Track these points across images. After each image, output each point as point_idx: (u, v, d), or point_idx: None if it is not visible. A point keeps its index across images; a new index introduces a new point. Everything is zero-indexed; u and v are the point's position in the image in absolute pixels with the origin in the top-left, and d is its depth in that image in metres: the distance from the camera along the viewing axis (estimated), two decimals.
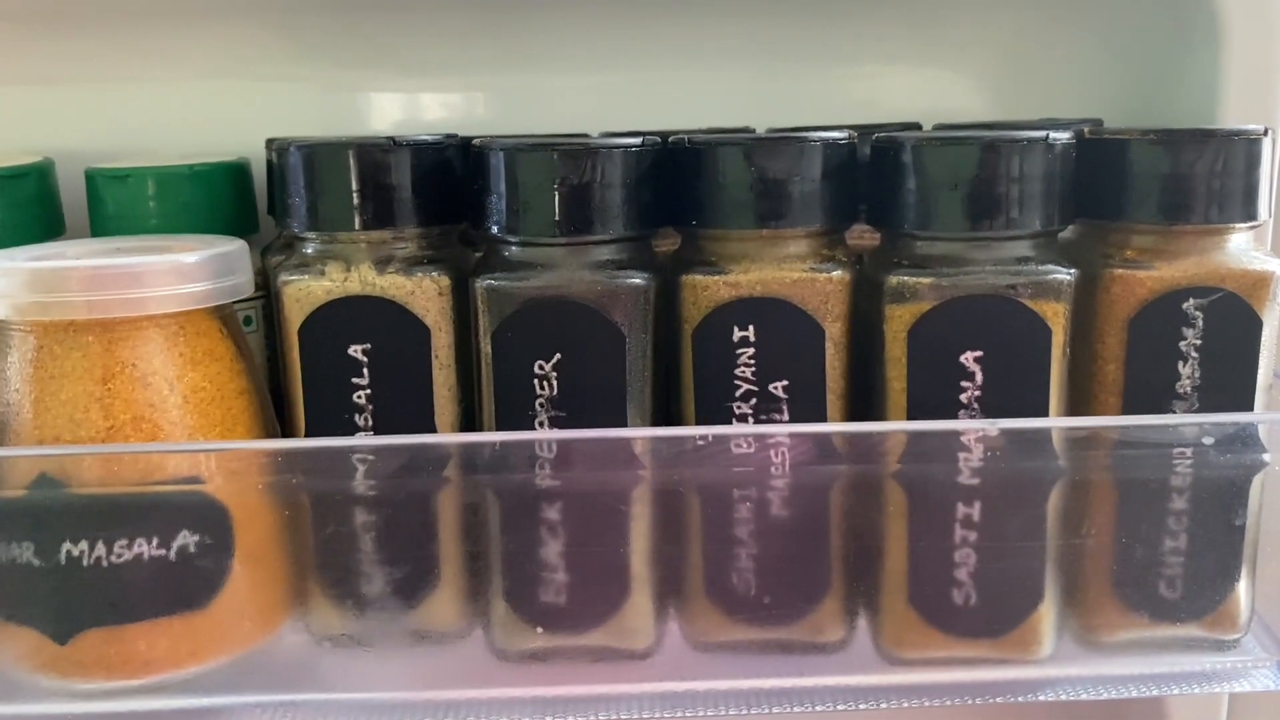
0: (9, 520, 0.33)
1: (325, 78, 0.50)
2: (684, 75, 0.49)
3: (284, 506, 0.36)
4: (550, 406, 0.35)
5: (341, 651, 0.37)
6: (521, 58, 0.49)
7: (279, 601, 0.36)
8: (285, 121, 0.49)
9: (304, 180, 0.36)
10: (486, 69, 0.50)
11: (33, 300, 0.33)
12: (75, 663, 0.34)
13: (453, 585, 0.37)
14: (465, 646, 0.37)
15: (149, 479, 0.34)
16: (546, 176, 0.34)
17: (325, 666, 0.37)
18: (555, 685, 0.36)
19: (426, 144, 0.36)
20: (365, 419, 0.36)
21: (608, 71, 0.49)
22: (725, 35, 0.48)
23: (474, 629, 0.37)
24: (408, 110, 0.50)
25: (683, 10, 0.48)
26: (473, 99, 0.50)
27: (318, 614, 0.37)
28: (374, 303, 0.35)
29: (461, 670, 0.37)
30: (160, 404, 0.34)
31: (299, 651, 0.37)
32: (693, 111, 0.47)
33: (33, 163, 0.43)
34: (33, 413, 0.34)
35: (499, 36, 0.48)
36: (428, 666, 0.37)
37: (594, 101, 0.49)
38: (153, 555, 0.34)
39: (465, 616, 0.37)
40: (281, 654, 0.37)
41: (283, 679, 0.37)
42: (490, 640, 0.37)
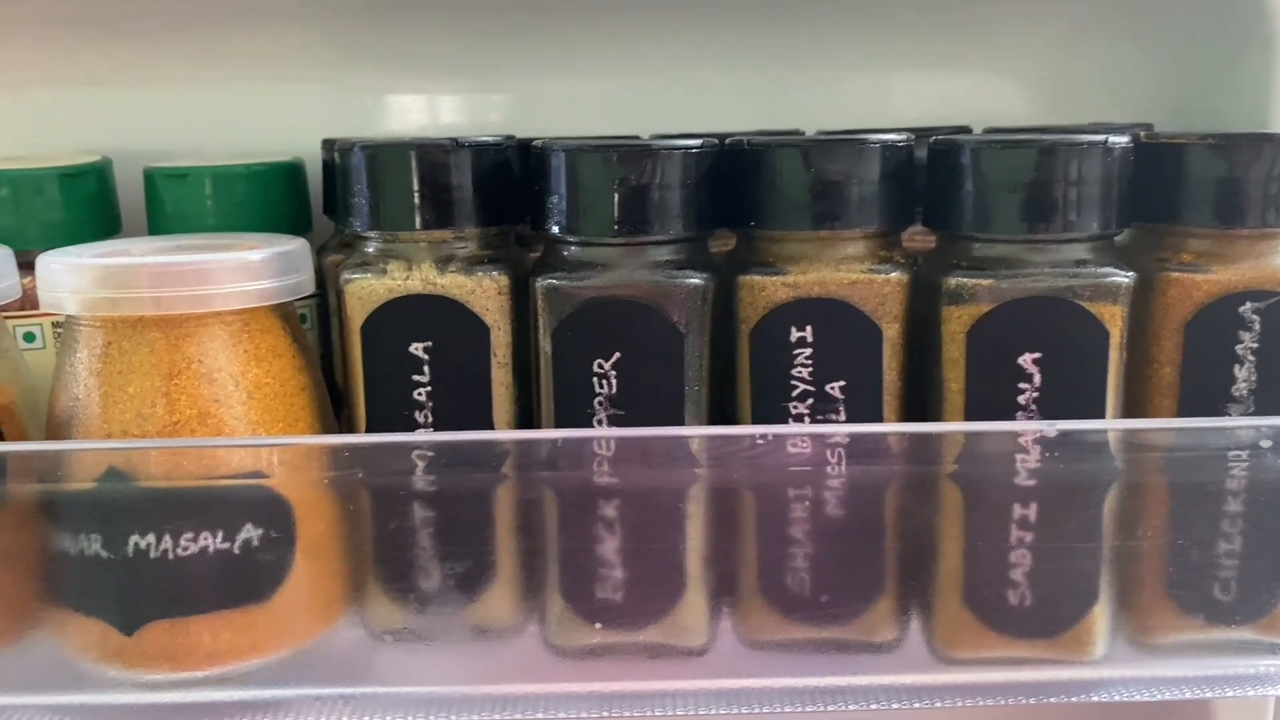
0: (78, 512, 0.34)
1: (373, 79, 0.50)
2: (728, 79, 0.49)
3: (344, 501, 0.36)
4: (609, 405, 0.35)
5: (398, 645, 0.37)
6: (564, 60, 0.50)
7: (338, 595, 0.37)
8: (332, 122, 0.49)
9: (367, 180, 0.36)
10: (528, 71, 0.50)
11: (102, 296, 0.34)
12: (140, 654, 0.34)
13: (509, 581, 0.37)
14: (520, 642, 0.38)
15: (214, 473, 0.34)
16: (607, 177, 0.34)
17: (382, 660, 0.37)
18: (610, 681, 0.37)
19: (487, 145, 0.36)
20: (425, 416, 0.37)
21: (658, 73, 0.49)
22: (770, 40, 0.49)
23: (529, 624, 0.38)
24: (454, 112, 0.51)
25: (728, 15, 0.48)
26: (516, 101, 0.51)
27: (375, 608, 0.37)
28: (435, 301, 0.36)
29: (516, 665, 0.38)
30: (225, 399, 0.35)
31: (357, 645, 0.37)
32: (737, 115, 0.48)
33: (91, 162, 0.44)
34: (100, 407, 0.34)
35: (544, 38, 0.49)
36: (483, 661, 0.38)
37: (644, 103, 0.49)
38: (218, 548, 0.34)
39: (520, 612, 0.38)
40: (340, 647, 0.37)
41: (341, 672, 0.37)
42: (545, 636, 0.37)
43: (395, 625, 0.37)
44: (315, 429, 0.37)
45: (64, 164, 0.43)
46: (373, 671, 0.37)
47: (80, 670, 0.35)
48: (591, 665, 0.37)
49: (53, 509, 0.34)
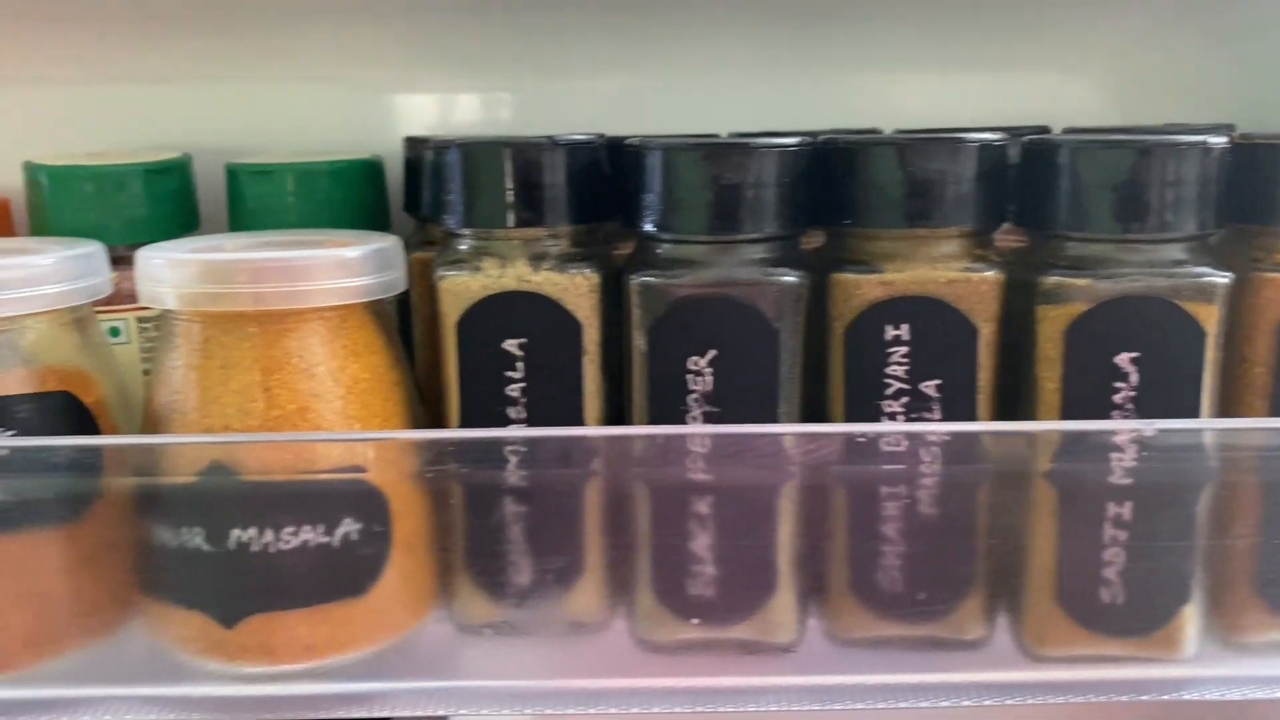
0: (181, 506, 0.34)
1: (446, 78, 0.50)
2: (806, 79, 0.50)
3: (439, 496, 0.36)
4: (703, 401, 0.35)
5: (490, 639, 0.38)
6: (647, 59, 0.50)
7: (432, 589, 0.37)
8: (404, 121, 0.50)
9: (461, 178, 0.36)
10: (589, 70, 0.50)
11: (203, 291, 0.34)
12: (240, 647, 0.35)
13: (599, 576, 0.37)
14: (609, 636, 0.38)
15: (314, 467, 0.35)
16: (704, 175, 0.34)
17: (474, 654, 0.38)
18: (700, 677, 0.37)
19: (582, 143, 0.36)
20: (518, 411, 0.37)
21: (740, 73, 0.50)
22: (848, 41, 0.49)
23: (619, 619, 0.38)
24: (521, 110, 0.51)
25: (809, 17, 0.48)
26: (584, 99, 0.51)
27: (468, 602, 0.37)
28: (529, 298, 0.36)
29: (607, 660, 0.38)
30: (324, 394, 0.35)
31: (449, 638, 0.38)
32: (817, 115, 0.48)
33: (174, 158, 0.44)
34: (202, 401, 0.34)
35: (613, 38, 0.49)
36: (574, 655, 0.38)
37: (727, 103, 0.49)
38: (318, 542, 0.34)
39: (610, 607, 0.38)
40: (433, 640, 0.37)
41: (434, 665, 0.37)
42: (635, 631, 0.38)
43: (487, 619, 0.37)
44: (407, 424, 0.37)
45: (148, 160, 0.43)
46: (465, 665, 0.38)
47: (179, 663, 0.36)
48: (681, 660, 0.37)
49: (156, 502, 0.35)
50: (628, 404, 0.37)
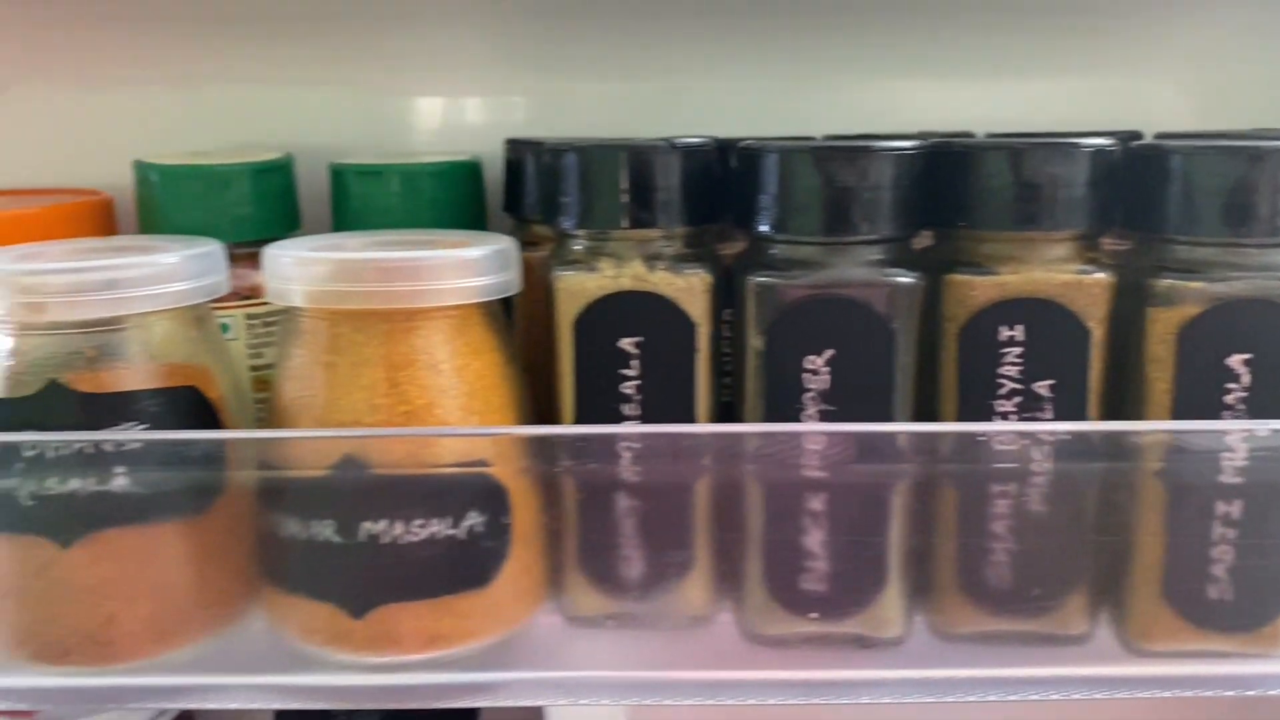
0: (312, 498, 0.35)
1: (538, 81, 0.51)
2: (917, 83, 0.51)
3: (556, 490, 0.37)
4: (820, 400, 0.36)
5: (602, 631, 0.38)
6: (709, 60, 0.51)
7: (546, 581, 0.38)
8: (483, 123, 0.50)
9: (578, 180, 0.37)
10: (685, 72, 0.51)
11: (334, 290, 0.35)
12: (367, 637, 0.36)
13: (710, 570, 0.38)
14: (720, 629, 0.39)
15: (440, 461, 0.35)
16: (821, 177, 0.35)
17: (588, 645, 0.38)
18: (809, 669, 0.37)
19: (697, 146, 0.37)
20: (632, 408, 0.38)
21: (825, 74, 0.50)
22: (951, 46, 0.50)
23: (729, 613, 0.39)
24: (612, 111, 0.52)
25: (910, 21, 0.49)
26: (677, 102, 0.52)
27: (580, 594, 0.38)
28: (646, 298, 0.37)
29: (717, 652, 0.39)
30: (449, 390, 0.36)
31: (562, 629, 0.38)
32: (916, 117, 0.49)
33: (278, 158, 0.45)
34: (332, 397, 0.35)
35: (703, 40, 0.50)
36: (684, 648, 0.39)
37: (810, 105, 0.50)
38: (445, 534, 0.35)
39: (721, 601, 0.39)
40: (549, 632, 0.38)
41: (550, 656, 0.38)
42: (745, 625, 0.38)
43: (599, 611, 0.38)
44: (520, 420, 0.38)
45: (254, 160, 0.44)
46: (580, 656, 0.38)
47: (305, 652, 0.36)
48: (791, 654, 0.38)
49: (286, 495, 0.35)
50: (738, 402, 0.38)
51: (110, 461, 0.35)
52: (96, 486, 0.35)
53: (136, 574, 0.36)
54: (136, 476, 0.35)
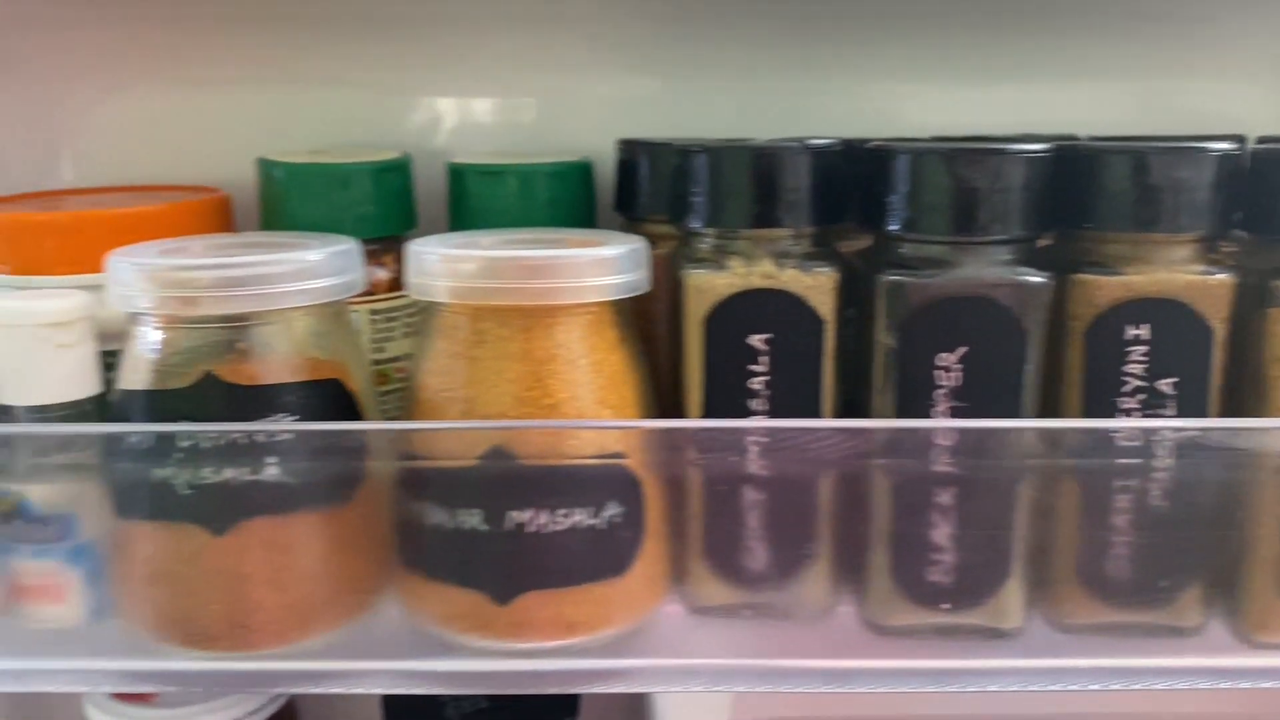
0: (460, 488, 0.36)
1: (646, 80, 0.52)
2: (1020, 87, 0.51)
3: (684, 482, 0.38)
4: (951, 397, 0.37)
5: (729, 619, 0.39)
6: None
7: (675, 570, 0.39)
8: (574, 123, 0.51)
9: (708, 180, 0.38)
10: (783, 72, 0.52)
11: (481, 286, 0.36)
12: (509, 624, 0.37)
13: (830, 562, 0.39)
14: (839, 621, 0.40)
15: (580, 453, 0.36)
16: (955, 178, 0.36)
17: (709, 634, 0.39)
18: (930, 659, 0.38)
19: (826, 146, 0.38)
20: (760, 404, 0.38)
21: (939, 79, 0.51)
22: (1037, 50, 0.50)
23: (848, 604, 0.40)
24: (720, 110, 0.52)
25: (1045, 23, 0.50)
26: (772, 102, 0.52)
27: (705, 584, 0.39)
28: (776, 296, 0.38)
29: (836, 643, 0.40)
30: (588, 384, 0.37)
31: (687, 619, 0.39)
32: (1020, 117, 0.50)
33: (398, 157, 0.46)
34: (479, 390, 0.36)
35: (821, 43, 0.51)
36: (804, 638, 0.40)
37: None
38: (586, 524, 0.36)
39: (841, 592, 0.40)
40: (676, 620, 0.39)
41: (674, 644, 0.39)
42: (866, 615, 0.39)
43: (723, 601, 0.39)
44: (650, 414, 0.39)
45: (376, 159, 0.45)
46: (703, 645, 0.39)
47: (446, 638, 0.37)
48: (914, 644, 0.39)
49: (434, 485, 0.36)
50: (864, 398, 0.39)
51: (262, 452, 0.36)
52: (249, 476, 0.36)
53: (283, 562, 0.37)
54: (286, 466, 0.36)
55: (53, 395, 0.39)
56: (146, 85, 0.50)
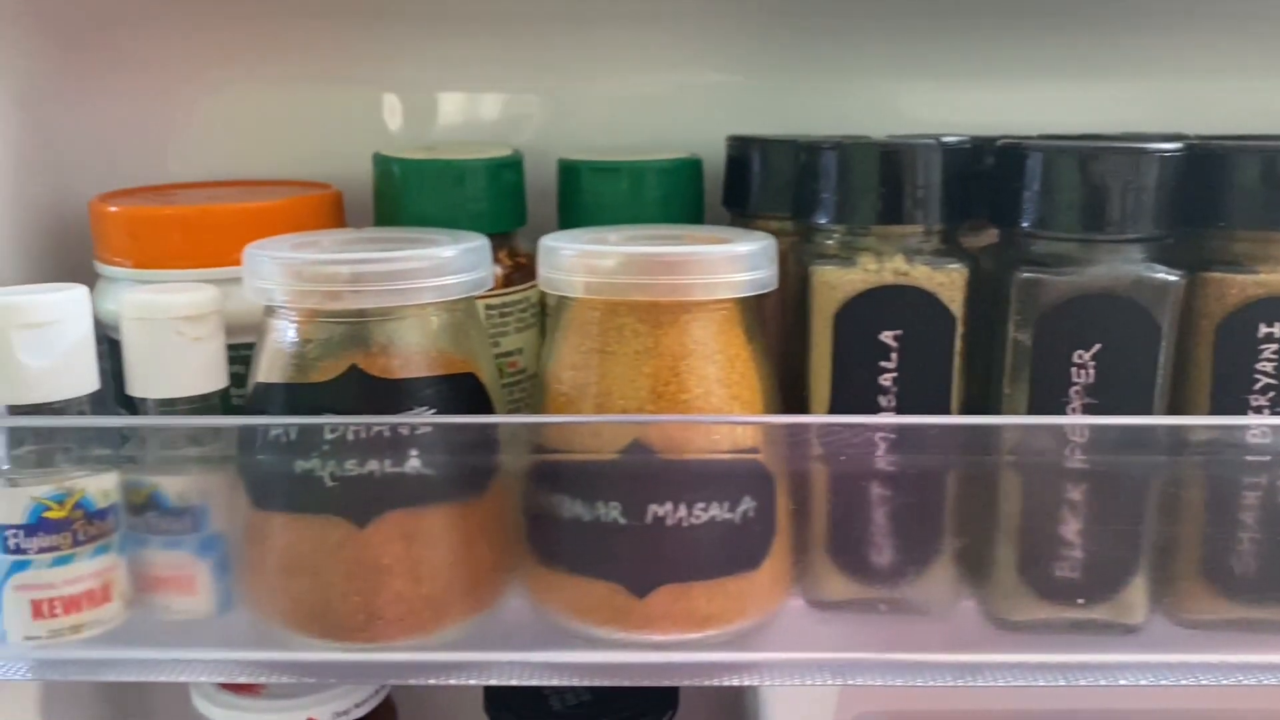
0: (599, 481, 0.36)
1: (750, 77, 0.52)
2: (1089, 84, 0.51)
3: (812, 477, 0.38)
4: (1084, 394, 0.37)
5: (848, 614, 0.40)
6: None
7: (801, 564, 0.39)
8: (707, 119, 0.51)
9: (838, 176, 0.39)
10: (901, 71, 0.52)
11: (621, 282, 0.36)
12: (645, 616, 0.37)
13: (953, 557, 0.39)
14: (964, 614, 0.40)
15: (717, 448, 0.37)
16: (1091, 176, 0.36)
17: (833, 627, 0.40)
18: (1057, 653, 0.39)
19: (957, 143, 0.38)
20: (889, 400, 0.39)
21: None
22: (1157, 46, 0.51)
23: (974, 599, 0.40)
24: (815, 109, 0.52)
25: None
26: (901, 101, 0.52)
27: (828, 578, 0.40)
28: (908, 292, 0.38)
29: (959, 635, 0.40)
30: (722, 379, 0.37)
31: (809, 611, 0.40)
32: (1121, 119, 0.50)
33: (511, 154, 0.46)
34: (616, 384, 0.37)
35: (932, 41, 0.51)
36: (930, 631, 0.40)
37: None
38: (723, 518, 0.36)
39: (967, 585, 0.40)
40: (796, 614, 0.40)
41: (802, 637, 0.39)
42: (990, 610, 0.39)
43: (846, 595, 0.40)
44: (775, 409, 0.39)
45: (491, 155, 0.45)
46: (827, 637, 0.39)
47: (578, 630, 0.38)
48: (1038, 638, 0.39)
49: (572, 477, 0.37)
50: (993, 394, 0.39)
51: (405, 444, 0.36)
52: (391, 469, 0.36)
53: (421, 554, 0.37)
54: (427, 459, 0.36)
55: (182, 388, 0.39)
56: (250, 81, 0.51)
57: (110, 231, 0.43)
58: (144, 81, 0.49)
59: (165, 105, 0.50)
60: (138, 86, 0.49)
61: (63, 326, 0.37)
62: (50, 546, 0.37)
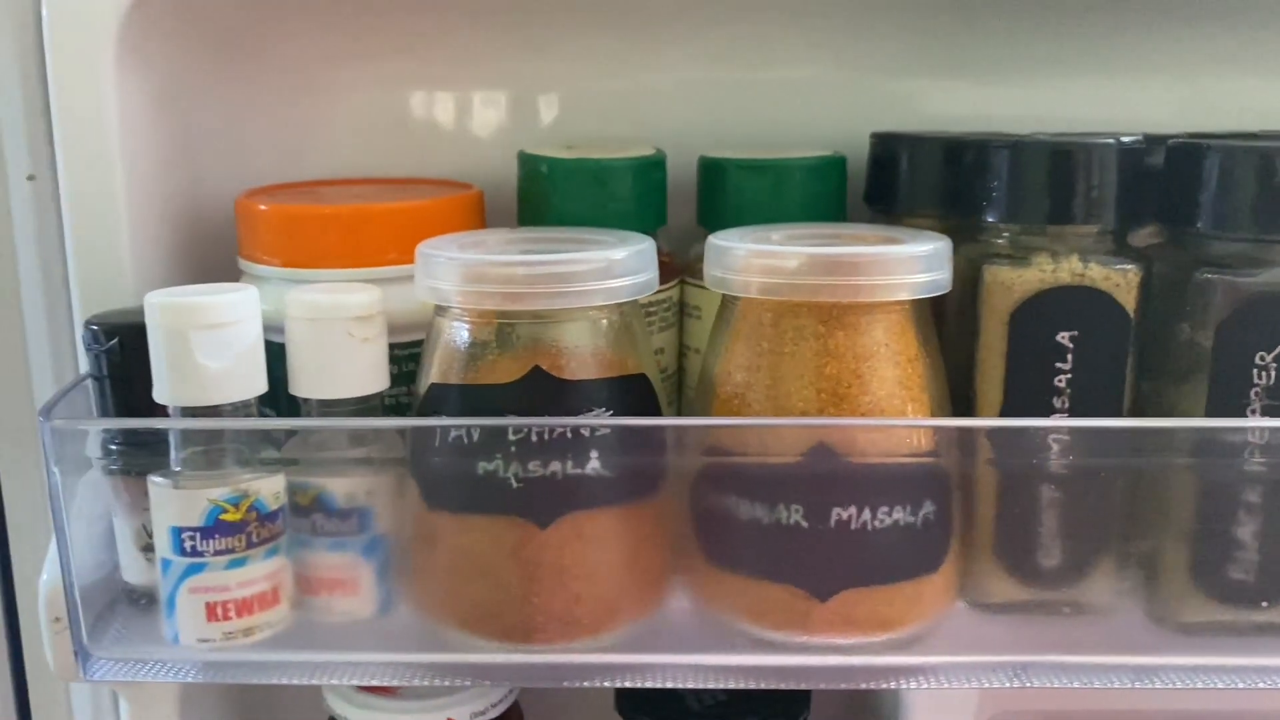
0: (781, 484, 0.36)
1: (883, 78, 0.51)
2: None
3: (983, 479, 0.38)
4: (1264, 396, 0.37)
5: (1012, 615, 0.39)
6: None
7: (972, 566, 0.39)
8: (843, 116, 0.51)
9: (1013, 176, 0.38)
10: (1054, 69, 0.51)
11: (803, 283, 0.36)
12: (824, 620, 0.37)
13: (1125, 559, 0.39)
14: (1128, 617, 0.40)
15: (898, 451, 0.36)
16: (1274, 175, 0.36)
17: (1004, 629, 0.39)
18: (1229, 655, 0.38)
19: (1133, 143, 0.38)
20: (1062, 401, 0.38)
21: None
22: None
23: (1140, 600, 0.40)
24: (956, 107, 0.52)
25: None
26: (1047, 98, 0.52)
27: (994, 579, 0.39)
28: (1084, 293, 0.38)
29: (1129, 637, 0.40)
30: (904, 380, 0.37)
31: (972, 613, 0.40)
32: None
33: (655, 154, 0.46)
34: (794, 387, 0.36)
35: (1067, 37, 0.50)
36: (1095, 632, 0.40)
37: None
38: (905, 521, 0.36)
39: (1134, 587, 0.40)
40: (959, 617, 0.39)
41: (967, 638, 0.39)
42: (1157, 612, 0.39)
43: (1011, 598, 0.39)
44: (947, 411, 0.39)
45: (636, 154, 0.45)
46: (992, 638, 0.39)
47: (750, 633, 0.38)
48: (1208, 641, 0.39)
49: (751, 480, 0.37)
50: (1165, 395, 0.39)
51: (586, 446, 0.36)
52: (573, 470, 0.36)
53: (598, 554, 0.37)
54: (606, 460, 0.36)
55: (347, 389, 0.39)
56: (387, 80, 0.50)
57: (261, 230, 0.43)
58: (282, 80, 0.49)
59: (302, 103, 0.50)
60: (276, 85, 0.49)
61: (239, 328, 0.37)
62: (226, 549, 0.37)
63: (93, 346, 0.39)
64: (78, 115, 0.42)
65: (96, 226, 0.43)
